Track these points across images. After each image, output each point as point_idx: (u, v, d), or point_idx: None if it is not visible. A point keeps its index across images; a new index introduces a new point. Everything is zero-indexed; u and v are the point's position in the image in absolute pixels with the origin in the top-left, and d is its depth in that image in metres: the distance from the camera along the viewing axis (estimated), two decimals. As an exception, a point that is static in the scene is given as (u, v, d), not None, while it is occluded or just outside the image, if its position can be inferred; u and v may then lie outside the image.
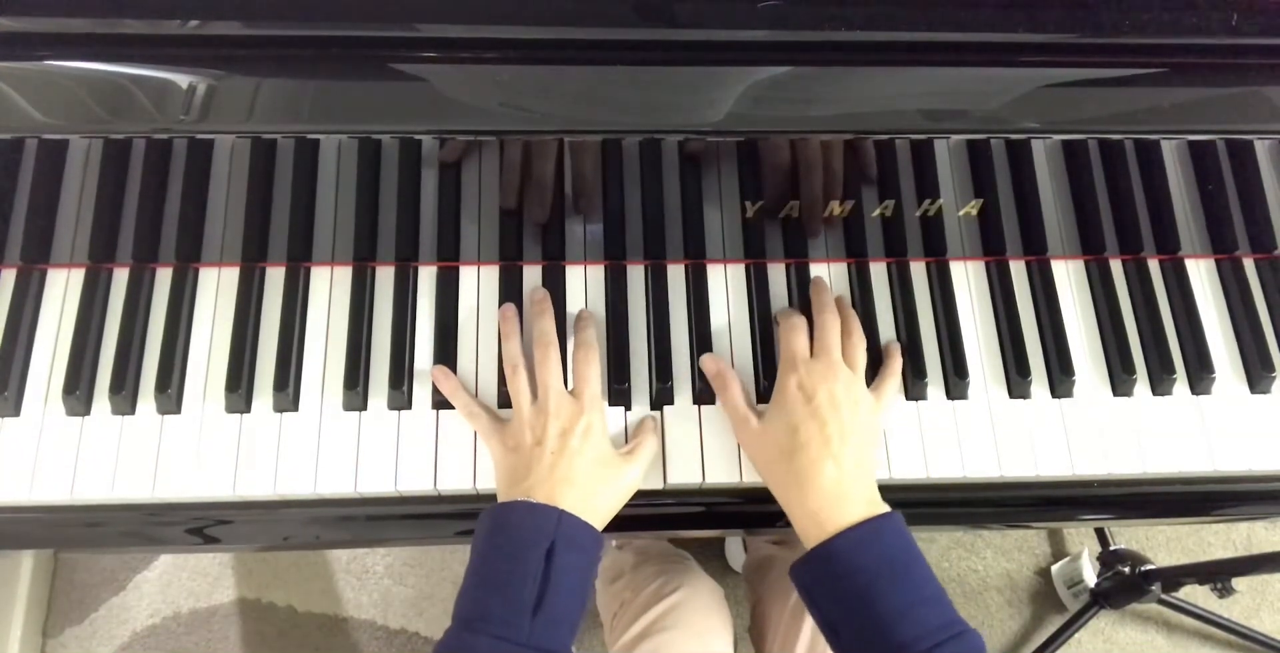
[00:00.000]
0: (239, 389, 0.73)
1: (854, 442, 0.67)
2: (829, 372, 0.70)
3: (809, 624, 0.91)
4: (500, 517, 0.65)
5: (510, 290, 0.78)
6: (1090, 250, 0.81)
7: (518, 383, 0.72)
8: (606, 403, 0.75)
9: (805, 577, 0.65)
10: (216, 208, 0.75)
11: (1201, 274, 0.82)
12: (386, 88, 0.64)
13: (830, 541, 0.63)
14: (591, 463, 0.68)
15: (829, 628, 0.64)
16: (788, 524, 0.71)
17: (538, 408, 0.70)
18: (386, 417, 0.74)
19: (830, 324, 0.73)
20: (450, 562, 1.54)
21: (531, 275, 0.79)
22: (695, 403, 0.75)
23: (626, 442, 0.74)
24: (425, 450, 0.73)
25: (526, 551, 0.62)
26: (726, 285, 0.79)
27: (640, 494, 0.74)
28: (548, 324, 0.74)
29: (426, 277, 0.78)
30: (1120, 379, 0.77)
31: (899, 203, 0.76)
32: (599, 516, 0.68)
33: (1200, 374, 0.77)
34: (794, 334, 0.73)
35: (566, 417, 0.69)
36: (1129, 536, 1.57)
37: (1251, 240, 0.81)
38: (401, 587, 1.53)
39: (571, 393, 0.72)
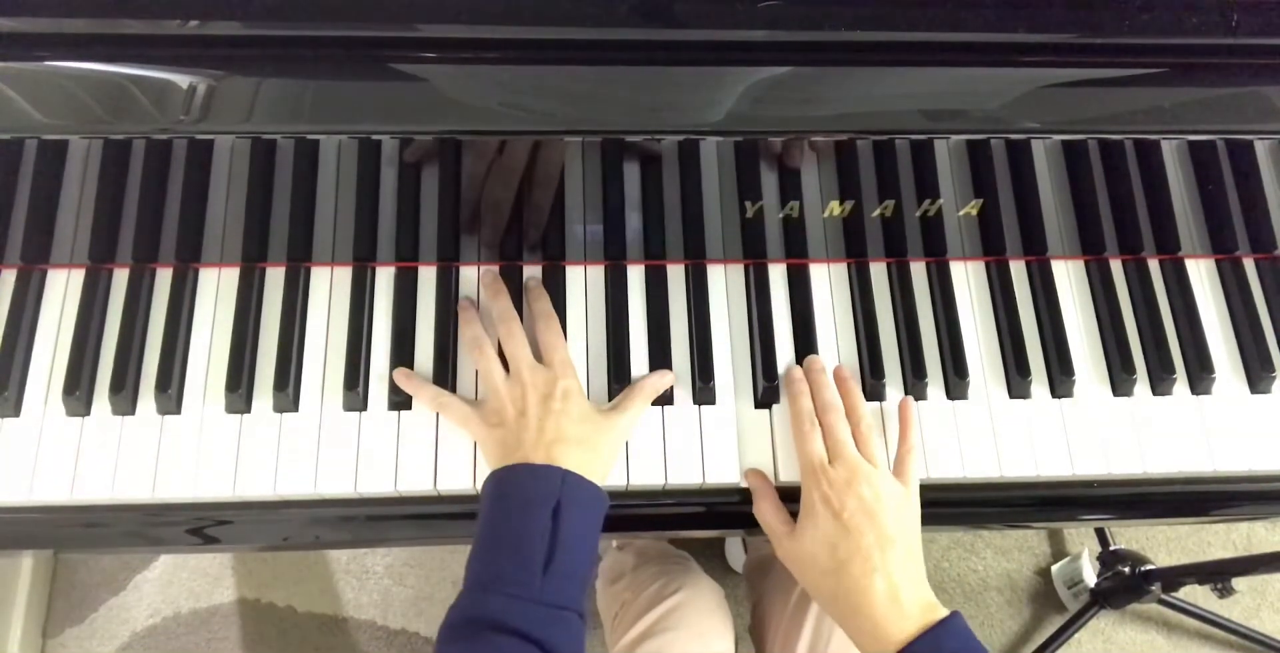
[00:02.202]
0: (239, 389, 0.73)
1: (895, 546, 0.66)
2: (851, 477, 0.68)
3: (809, 624, 0.91)
4: (504, 481, 0.66)
5: (510, 290, 0.77)
6: (1090, 250, 0.81)
7: (487, 361, 0.72)
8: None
9: None
10: (216, 208, 0.75)
11: (1201, 274, 0.82)
12: (386, 88, 0.64)
13: None
14: (579, 420, 0.69)
15: None
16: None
17: (512, 381, 0.71)
18: (386, 417, 0.74)
19: (837, 423, 0.71)
20: (450, 562, 1.54)
21: (531, 275, 0.79)
22: (695, 403, 0.75)
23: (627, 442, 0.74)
24: (425, 450, 0.73)
25: (533, 511, 0.63)
26: (726, 285, 0.79)
27: (640, 494, 0.74)
28: (505, 302, 0.75)
29: (427, 277, 0.78)
30: (1120, 379, 0.77)
31: (899, 203, 0.76)
32: (599, 469, 0.68)
33: (1200, 374, 0.77)
34: (806, 440, 0.71)
35: (543, 384, 0.70)
36: (1129, 536, 1.57)
37: (1251, 240, 0.81)
38: (401, 587, 1.53)
39: (542, 363, 0.72)
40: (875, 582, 0.64)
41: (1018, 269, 0.81)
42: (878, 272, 0.80)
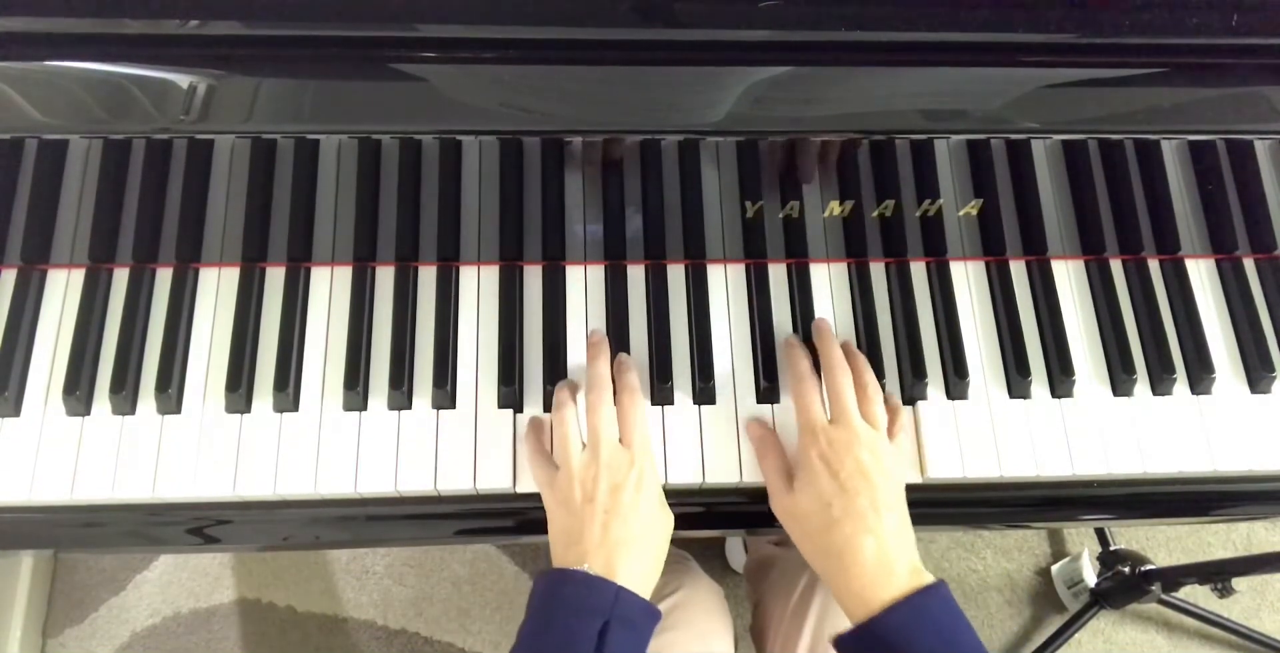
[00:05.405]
0: (239, 389, 0.73)
1: (890, 511, 0.65)
2: (851, 439, 0.67)
3: (810, 625, 0.91)
4: (555, 585, 0.64)
5: (510, 290, 0.78)
6: (1090, 250, 0.81)
7: (564, 427, 0.69)
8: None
9: (853, 652, 0.64)
10: (216, 208, 0.75)
11: (1201, 274, 0.82)
12: (386, 88, 0.64)
13: (877, 618, 0.62)
14: (646, 518, 0.67)
15: None
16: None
17: (588, 460, 0.67)
18: (386, 417, 0.74)
19: (842, 384, 0.70)
20: (450, 562, 1.54)
21: (531, 275, 0.79)
22: (695, 403, 0.75)
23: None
24: (425, 450, 0.73)
25: (580, 628, 0.61)
26: (726, 285, 0.79)
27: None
28: (603, 367, 0.72)
29: (426, 277, 0.78)
30: (1120, 379, 0.77)
31: (899, 203, 0.76)
32: (655, 572, 0.67)
33: (1200, 374, 0.77)
34: (807, 399, 0.70)
35: (618, 469, 0.67)
36: (1129, 536, 1.57)
37: (1251, 240, 0.81)
38: (401, 587, 1.53)
39: (620, 441, 0.69)
40: (867, 542, 0.64)
41: (1018, 269, 0.81)
42: (878, 272, 0.80)
